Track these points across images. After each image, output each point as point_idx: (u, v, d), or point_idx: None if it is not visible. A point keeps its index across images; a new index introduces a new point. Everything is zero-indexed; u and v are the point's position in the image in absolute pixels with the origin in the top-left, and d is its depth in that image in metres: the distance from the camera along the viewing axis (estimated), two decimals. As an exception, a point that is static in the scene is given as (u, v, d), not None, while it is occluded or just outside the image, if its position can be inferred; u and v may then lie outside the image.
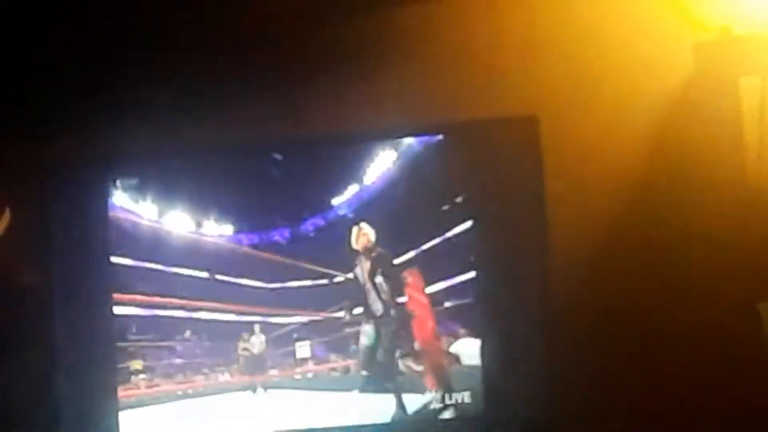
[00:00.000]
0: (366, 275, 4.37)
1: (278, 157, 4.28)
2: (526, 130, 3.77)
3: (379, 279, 4.35)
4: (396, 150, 4.22)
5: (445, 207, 4.13)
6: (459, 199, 4.09)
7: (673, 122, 3.70)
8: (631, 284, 3.70)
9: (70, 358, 4.06)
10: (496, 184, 3.91)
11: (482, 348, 4.06)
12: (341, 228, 4.37)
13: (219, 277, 4.49)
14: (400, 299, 4.33)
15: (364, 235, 4.35)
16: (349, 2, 3.87)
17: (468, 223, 4.10)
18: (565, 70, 3.79)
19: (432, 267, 4.24)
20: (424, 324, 4.28)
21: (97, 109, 3.97)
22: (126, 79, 3.97)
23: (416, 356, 4.26)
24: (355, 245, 4.38)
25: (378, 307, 4.37)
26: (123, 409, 4.26)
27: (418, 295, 4.28)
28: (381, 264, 4.35)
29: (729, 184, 3.59)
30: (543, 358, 3.79)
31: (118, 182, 4.27)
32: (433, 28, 3.86)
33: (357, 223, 4.34)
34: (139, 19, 3.84)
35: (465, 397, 4.10)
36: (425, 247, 4.22)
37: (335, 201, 4.39)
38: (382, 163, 4.28)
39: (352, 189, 4.35)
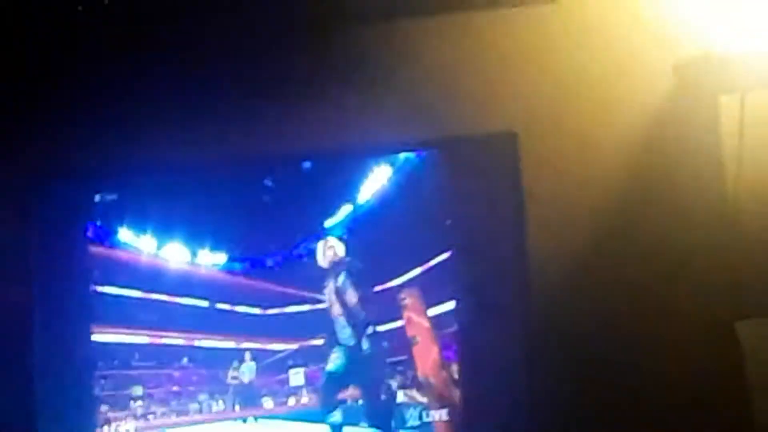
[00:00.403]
0: (334, 296, 4.33)
1: (269, 183, 4.28)
2: (506, 146, 3.78)
3: (351, 300, 4.30)
4: (382, 167, 4.26)
5: (431, 227, 4.16)
6: (445, 219, 4.09)
7: (653, 139, 3.69)
8: (610, 300, 3.66)
9: (49, 370, 3.99)
10: (476, 200, 3.90)
11: (460, 365, 4.04)
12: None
13: (214, 304, 4.49)
14: (390, 324, 4.28)
15: (330, 248, 4.34)
16: (328, 26, 3.90)
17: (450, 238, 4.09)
18: (545, 88, 3.79)
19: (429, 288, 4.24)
20: (427, 351, 4.23)
21: (81, 126, 3.95)
22: (113, 96, 3.96)
23: (419, 387, 4.20)
24: (321, 261, 4.36)
25: (347, 334, 4.31)
26: None
27: (419, 318, 4.23)
28: (352, 279, 4.31)
29: (708, 202, 3.60)
30: (523, 375, 3.75)
31: (98, 197, 4.35)
32: (412, 48, 3.87)
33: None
34: (130, 36, 3.88)
35: (442, 414, 4.05)
36: (418, 270, 4.21)
37: (328, 223, 4.40)
38: (367, 183, 4.31)
39: (345, 210, 4.36)
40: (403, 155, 4.25)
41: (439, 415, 4.09)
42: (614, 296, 3.65)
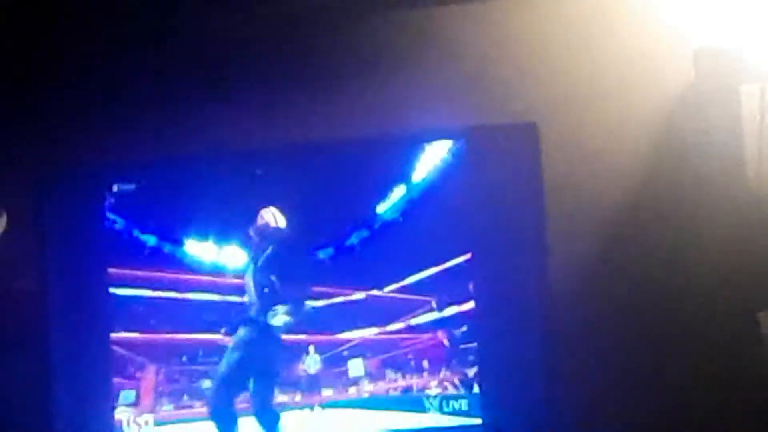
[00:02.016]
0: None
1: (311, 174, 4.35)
2: (525, 136, 3.86)
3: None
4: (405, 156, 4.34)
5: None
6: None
7: (674, 129, 3.75)
8: (631, 292, 3.75)
9: (66, 364, 4.14)
10: (495, 191, 3.98)
11: (480, 357, 4.15)
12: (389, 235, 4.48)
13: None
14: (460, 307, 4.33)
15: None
16: (343, 13, 4.00)
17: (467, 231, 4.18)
18: (565, 78, 3.88)
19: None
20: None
21: (96, 115, 4.07)
22: (128, 84, 4.06)
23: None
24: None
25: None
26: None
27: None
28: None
29: (729, 191, 3.62)
30: (542, 368, 3.87)
31: (115, 188, 4.41)
32: (431, 37, 3.97)
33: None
34: (142, 25, 3.98)
35: (462, 404, 4.18)
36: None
37: (380, 208, 4.48)
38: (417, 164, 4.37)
39: (398, 192, 4.43)
40: (418, 144, 4.26)
41: (459, 404, 4.19)
42: (635, 286, 3.75)
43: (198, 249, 4.55)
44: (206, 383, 4.60)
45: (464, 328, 4.28)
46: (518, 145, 3.91)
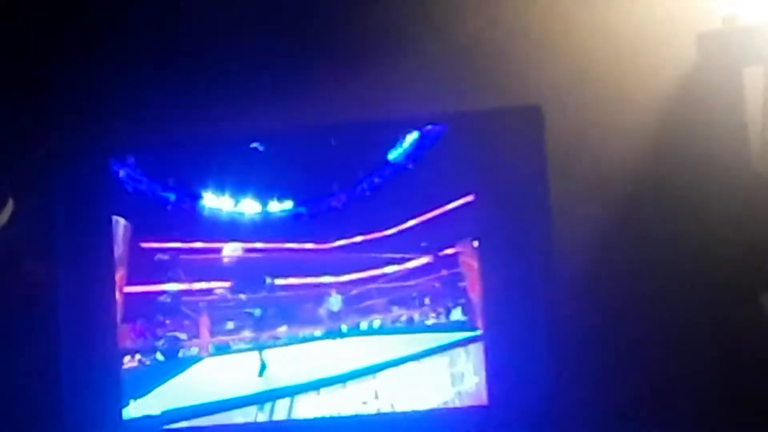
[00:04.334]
0: None
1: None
2: (530, 120, 3.93)
3: None
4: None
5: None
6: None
7: (677, 112, 3.83)
8: (634, 276, 3.87)
9: (75, 347, 4.21)
10: (499, 174, 4.08)
11: (486, 339, 4.32)
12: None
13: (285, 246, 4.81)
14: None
15: None
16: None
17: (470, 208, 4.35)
18: (569, 61, 3.96)
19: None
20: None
21: (103, 97, 4.12)
22: (134, 66, 4.11)
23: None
24: None
25: None
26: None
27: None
28: None
29: (733, 174, 3.71)
30: (547, 349, 4.01)
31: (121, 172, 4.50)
32: (436, 20, 4.02)
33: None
34: (147, 6, 4.03)
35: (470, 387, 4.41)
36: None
37: (392, 155, 4.57)
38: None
39: (410, 138, 4.52)
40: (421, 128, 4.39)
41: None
42: (638, 271, 3.86)
43: (216, 202, 4.70)
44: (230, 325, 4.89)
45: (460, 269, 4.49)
46: (522, 128, 4.01)
